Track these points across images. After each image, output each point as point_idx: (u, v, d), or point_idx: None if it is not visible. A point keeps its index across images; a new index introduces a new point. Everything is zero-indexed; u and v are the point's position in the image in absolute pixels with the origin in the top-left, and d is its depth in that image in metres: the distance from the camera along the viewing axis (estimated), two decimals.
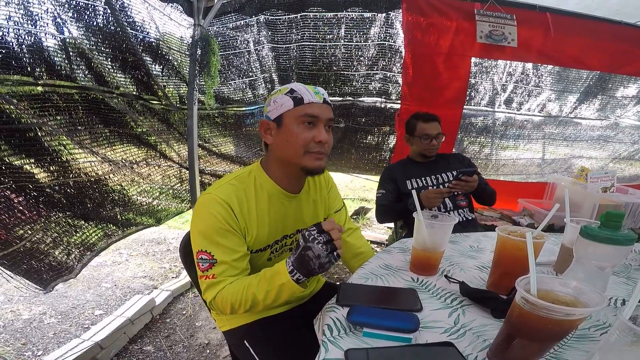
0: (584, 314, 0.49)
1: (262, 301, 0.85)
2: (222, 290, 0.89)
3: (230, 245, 0.91)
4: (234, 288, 0.88)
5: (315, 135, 0.92)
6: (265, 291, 0.85)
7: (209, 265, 0.89)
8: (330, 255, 0.79)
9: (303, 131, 0.91)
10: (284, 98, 0.92)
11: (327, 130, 0.95)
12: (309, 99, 0.91)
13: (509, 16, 2.46)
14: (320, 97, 0.93)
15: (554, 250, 1.09)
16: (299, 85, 0.94)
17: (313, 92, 0.93)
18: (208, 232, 0.90)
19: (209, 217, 0.90)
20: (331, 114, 0.95)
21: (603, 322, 0.74)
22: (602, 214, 0.71)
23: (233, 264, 0.91)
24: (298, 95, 0.91)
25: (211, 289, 0.90)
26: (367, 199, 5.13)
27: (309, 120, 0.91)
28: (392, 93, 2.93)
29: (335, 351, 0.63)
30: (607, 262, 0.72)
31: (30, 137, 1.38)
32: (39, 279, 1.44)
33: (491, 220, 2.41)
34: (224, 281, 0.90)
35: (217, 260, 0.89)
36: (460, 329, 0.70)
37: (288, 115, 0.92)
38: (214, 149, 2.89)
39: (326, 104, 0.95)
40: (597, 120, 3.30)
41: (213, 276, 0.89)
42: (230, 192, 0.94)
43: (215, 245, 0.90)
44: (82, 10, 1.57)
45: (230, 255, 0.91)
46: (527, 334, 0.53)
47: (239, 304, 0.87)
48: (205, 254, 0.89)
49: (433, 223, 0.94)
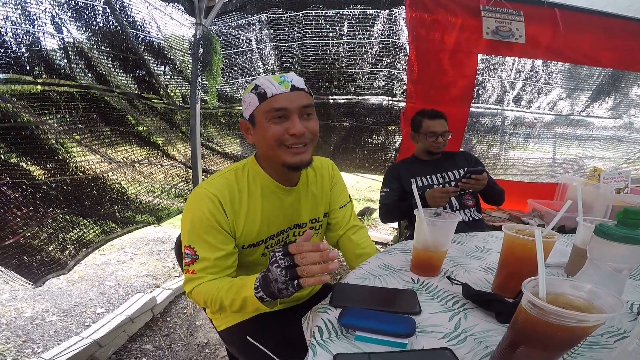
0: (599, 321, 0.43)
1: (229, 307, 0.84)
2: (198, 286, 0.89)
3: (214, 242, 0.90)
4: (208, 287, 0.88)
5: (289, 127, 0.86)
6: (231, 299, 0.82)
7: (191, 261, 0.89)
8: (288, 282, 0.68)
9: (273, 127, 0.86)
10: (250, 96, 0.88)
11: (305, 119, 0.88)
12: (272, 91, 0.85)
13: (515, 12, 2.41)
14: (286, 85, 0.86)
15: (565, 252, 1.03)
16: (263, 78, 0.88)
17: (277, 82, 0.86)
18: (194, 227, 0.89)
19: (197, 212, 0.89)
20: (305, 100, 0.88)
21: (617, 328, 0.68)
22: (619, 212, 0.65)
23: (215, 262, 0.90)
24: (262, 90, 0.86)
25: (189, 283, 0.91)
26: (372, 200, 5.09)
27: (278, 115, 0.86)
28: (397, 91, 2.89)
29: (323, 355, 0.58)
30: (624, 264, 0.66)
31: (32, 135, 1.39)
32: (29, 273, 1.44)
33: (499, 221, 2.34)
34: (202, 278, 0.90)
35: (199, 256, 0.89)
36: (460, 334, 0.65)
37: (257, 113, 0.88)
38: (217, 148, 2.87)
39: (297, 91, 0.87)
40: (610, 120, 3.20)
41: (193, 272, 0.90)
42: (222, 185, 0.92)
43: (200, 241, 0.89)
44: (82, 10, 1.57)
45: (213, 252, 0.89)
46: (534, 341, 0.48)
47: (210, 303, 0.87)
48: (189, 249, 0.89)
49: (435, 221, 0.90)
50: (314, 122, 0.91)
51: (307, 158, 0.91)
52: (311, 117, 0.91)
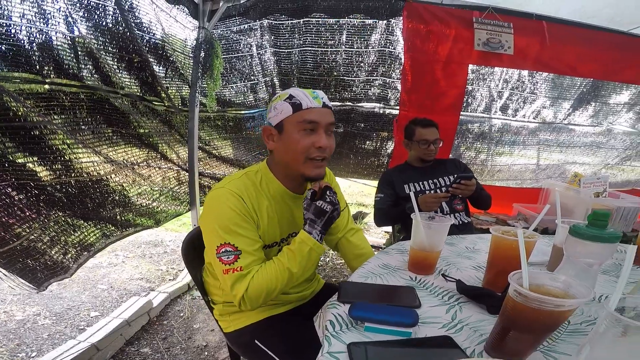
0: (573, 305, 0.52)
1: (299, 271, 0.92)
2: (252, 280, 0.89)
3: (250, 235, 0.93)
4: (264, 274, 0.90)
5: (315, 140, 0.93)
6: (298, 262, 0.91)
7: (234, 258, 0.88)
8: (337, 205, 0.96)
9: (303, 137, 0.92)
10: (284, 104, 0.93)
11: (328, 135, 0.95)
12: (308, 104, 0.92)
13: (506, 24, 2.48)
14: (319, 101, 0.93)
15: (547, 251, 1.12)
16: (298, 90, 0.94)
17: (312, 96, 0.93)
18: (227, 225, 0.90)
19: (227, 210, 0.91)
20: (332, 118, 0.96)
21: (594, 317, 0.78)
22: (590, 214, 0.74)
23: (255, 254, 0.92)
24: (297, 101, 0.92)
25: (240, 282, 0.89)
26: (364, 204, 5.15)
27: (309, 127, 0.92)
28: (391, 99, 2.96)
29: (338, 345, 0.65)
30: (595, 260, 0.75)
31: (33, 135, 1.38)
32: (33, 277, 1.43)
33: (487, 225, 2.44)
34: (250, 272, 0.90)
35: (242, 250, 0.89)
36: (457, 324, 0.73)
37: (288, 121, 0.93)
38: (214, 152, 2.90)
39: (326, 108, 0.95)
40: (590, 127, 3.34)
41: (241, 268, 0.88)
42: (241, 186, 0.96)
43: (237, 236, 0.90)
44: (94, 10, 1.57)
45: (252, 245, 0.92)
46: (521, 326, 0.56)
47: (274, 286, 0.90)
48: (228, 246, 0.89)
49: (430, 224, 0.98)
50: (333, 141, 0.98)
51: (323, 172, 1.00)
52: (332, 135, 0.98)
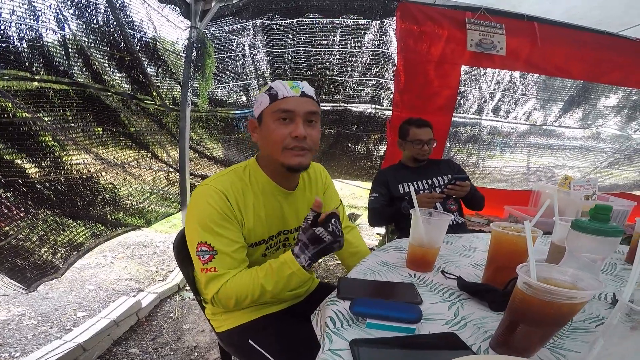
0: (585, 297, 0.50)
1: (272, 290, 0.87)
2: (225, 283, 0.87)
3: (229, 235, 0.90)
4: (238, 282, 0.87)
5: (292, 130, 0.90)
6: (274, 281, 0.86)
7: (209, 257, 0.87)
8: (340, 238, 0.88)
9: (279, 127, 0.91)
10: (264, 96, 0.93)
11: (308, 124, 0.93)
12: (283, 93, 0.90)
13: (498, 25, 2.51)
14: (297, 90, 0.92)
15: (543, 250, 1.12)
16: (278, 82, 0.93)
17: (290, 86, 0.92)
18: (206, 223, 0.88)
19: (207, 208, 0.89)
20: (312, 107, 0.93)
21: (597, 315, 0.77)
22: (591, 208, 0.74)
23: (233, 256, 0.90)
24: (274, 91, 0.91)
25: (214, 283, 0.88)
26: (356, 206, 5.15)
27: (284, 116, 0.90)
28: (384, 100, 2.97)
29: (339, 342, 0.62)
30: (598, 254, 0.74)
31: (22, 132, 1.34)
32: (23, 277, 1.38)
33: (479, 226, 2.46)
34: (226, 274, 0.88)
35: (218, 251, 0.88)
36: (461, 321, 0.72)
37: (265, 112, 0.93)
38: (205, 152, 2.86)
39: (305, 97, 0.92)
40: (579, 130, 3.40)
41: (215, 269, 0.87)
42: (226, 183, 0.94)
43: (215, 235, 0.88)
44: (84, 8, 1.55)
45: (229, 246, 0.90)
46: (530, 319, 0.54)
47: (246, 296, 0.87)
48: (205, 245, 0.88)
49: (430, 219, 0.96)
50: (316, 131, 0.96)
51: (306, 162, 0.95)
52: (314, 125, 0.96)
